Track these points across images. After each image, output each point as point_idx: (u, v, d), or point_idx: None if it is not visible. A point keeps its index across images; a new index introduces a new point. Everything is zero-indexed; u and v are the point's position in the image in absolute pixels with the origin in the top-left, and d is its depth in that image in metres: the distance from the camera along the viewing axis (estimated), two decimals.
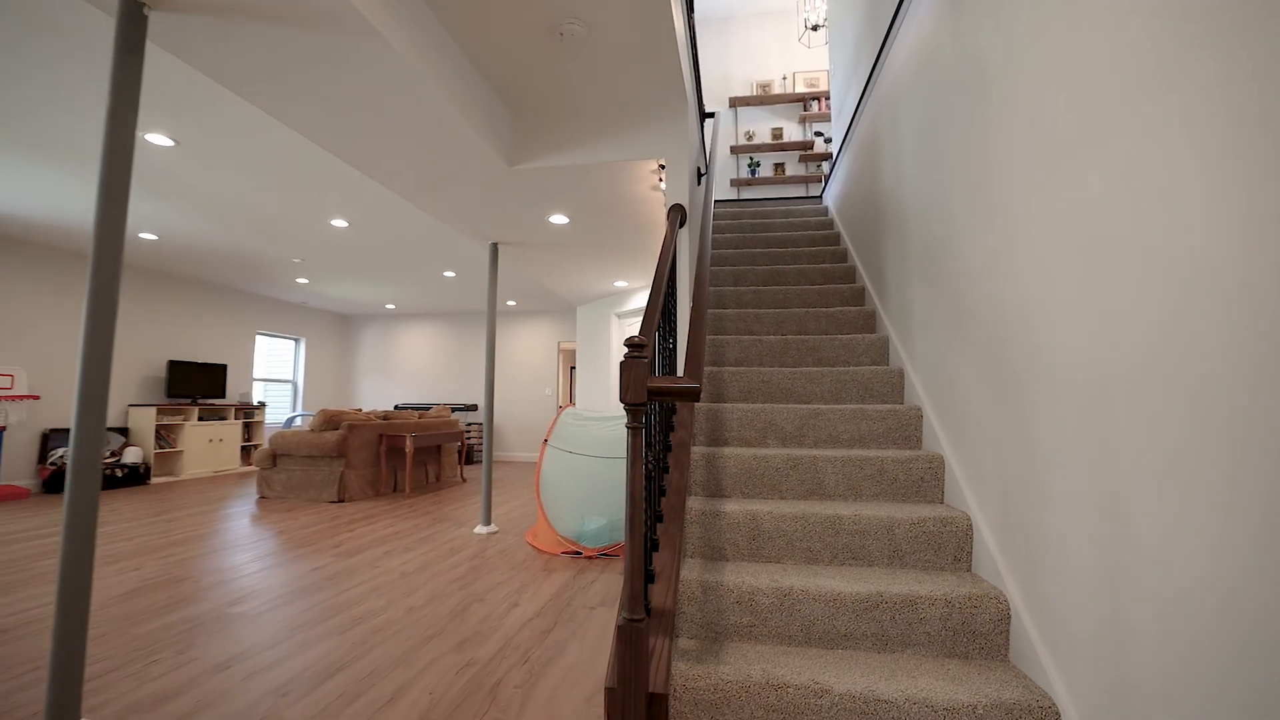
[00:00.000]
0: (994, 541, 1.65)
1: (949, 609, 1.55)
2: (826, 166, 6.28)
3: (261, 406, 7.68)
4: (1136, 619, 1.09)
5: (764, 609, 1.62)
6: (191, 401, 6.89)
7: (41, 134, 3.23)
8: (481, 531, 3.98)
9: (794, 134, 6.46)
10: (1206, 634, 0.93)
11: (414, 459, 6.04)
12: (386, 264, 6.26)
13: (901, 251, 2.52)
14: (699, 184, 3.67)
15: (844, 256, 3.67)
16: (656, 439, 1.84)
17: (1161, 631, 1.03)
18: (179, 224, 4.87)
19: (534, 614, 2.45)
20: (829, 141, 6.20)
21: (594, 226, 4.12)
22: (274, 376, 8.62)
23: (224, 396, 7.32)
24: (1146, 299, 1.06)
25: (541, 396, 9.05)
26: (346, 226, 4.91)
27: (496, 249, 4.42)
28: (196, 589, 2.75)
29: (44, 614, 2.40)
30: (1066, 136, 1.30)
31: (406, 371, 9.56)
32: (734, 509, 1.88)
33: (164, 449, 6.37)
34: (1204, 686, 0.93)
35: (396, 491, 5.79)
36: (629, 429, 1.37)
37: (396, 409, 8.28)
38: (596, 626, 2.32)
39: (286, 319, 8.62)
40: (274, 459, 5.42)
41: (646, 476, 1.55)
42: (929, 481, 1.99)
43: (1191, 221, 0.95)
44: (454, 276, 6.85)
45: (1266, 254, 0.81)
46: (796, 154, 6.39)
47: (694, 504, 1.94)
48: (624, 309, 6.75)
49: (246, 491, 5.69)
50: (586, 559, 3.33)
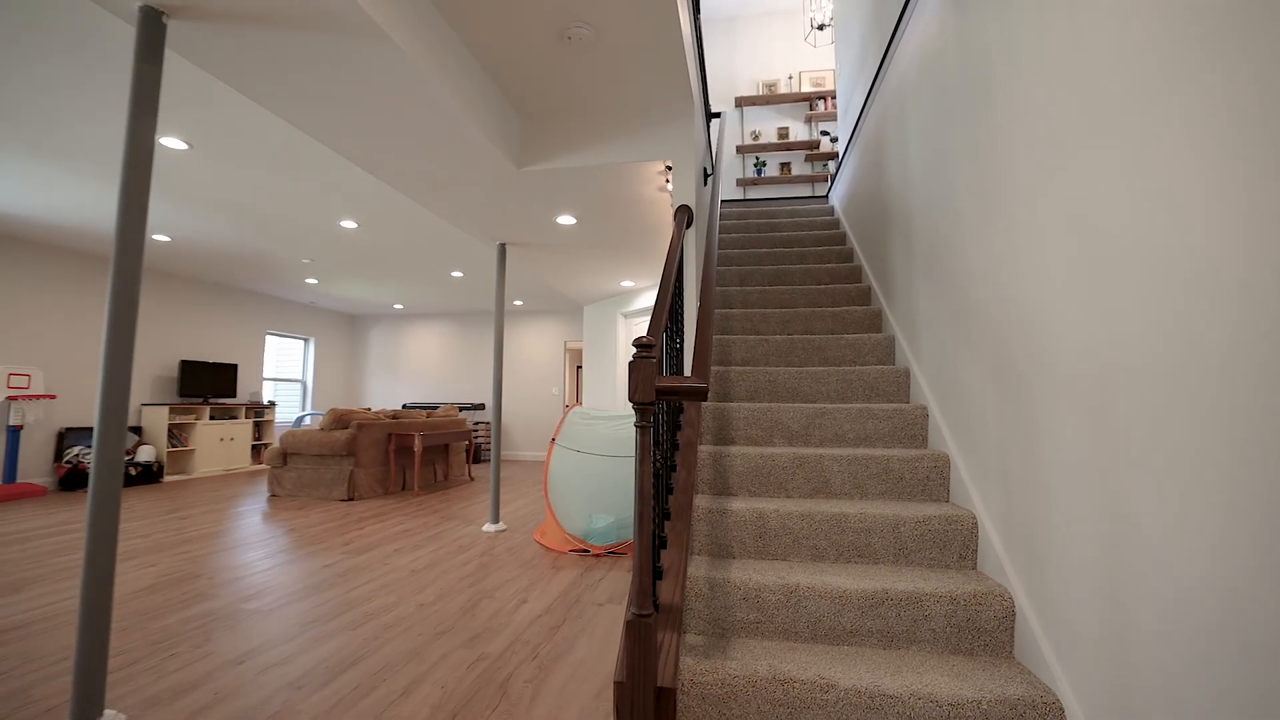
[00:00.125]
0: (999, 539, 1.67)
1: (954, 606, 1.57)
2: (832, 166, 6.28)
3: (271, 406, 7.76)
4: (1139, 616, 1.10)
5: (770, 605, 1.64)
6: (203, 401, 6.97)
7: (57, 138, 3.28)
8: (490, 529, 4.02)
9: (800, 133, 6.46)
10: (1207, 632, 0.95)
11: (422, 458, 6.09)
12: (395, 264, 6.32)
13: (907, 251, 2.53)
14: (705, 184, 3.69)
15: (850, 256, 3.68)
16: (664, 438, 1.86)
17: (1163, 628, 1.04)
18: (191, 226, 4.94)
19: (543, 610, 2.48)
20: (835, 141, 6.20)
21: (601, 227, 4.15)
22: (283, 376, 8.70)
23: (235, 396, 7.40)
24: (1148, 299, 1.08)
25: (548, 396, 9.09)
26: (356, 227, 4.96)
27: (504, 249, 4.45)
28: (211, 585, 2.80)
29: (64, 609, 2.45)
30: (1070, 137, 1.32)
31: (414, 371, 9.63)
32: (741, 507, 1.90)
33: (176, 448, 6.46)
34: (1205, 683, 0.95)
35: (405, 490, 5.84)
36: (637, 428, 1.39)
37: (404, 408, 8.34)
38: (605, 623, 2.35)
39: (296, 319, 8.70)
40: (284, 457, 5.48)
41: (655, 475, 1.58)
42: (934, 480, 2.01)
43: (1192, 222, 0.97)
44: (461, 276, 6.90)
45: (1266, 254, 0.83)
46: (802, 153, 6.39)
47: (701, 502, 1.96)
48: (630, 309, 6.77)
49: (257, 490, 5.75)
50: (594, 557, 3.36)
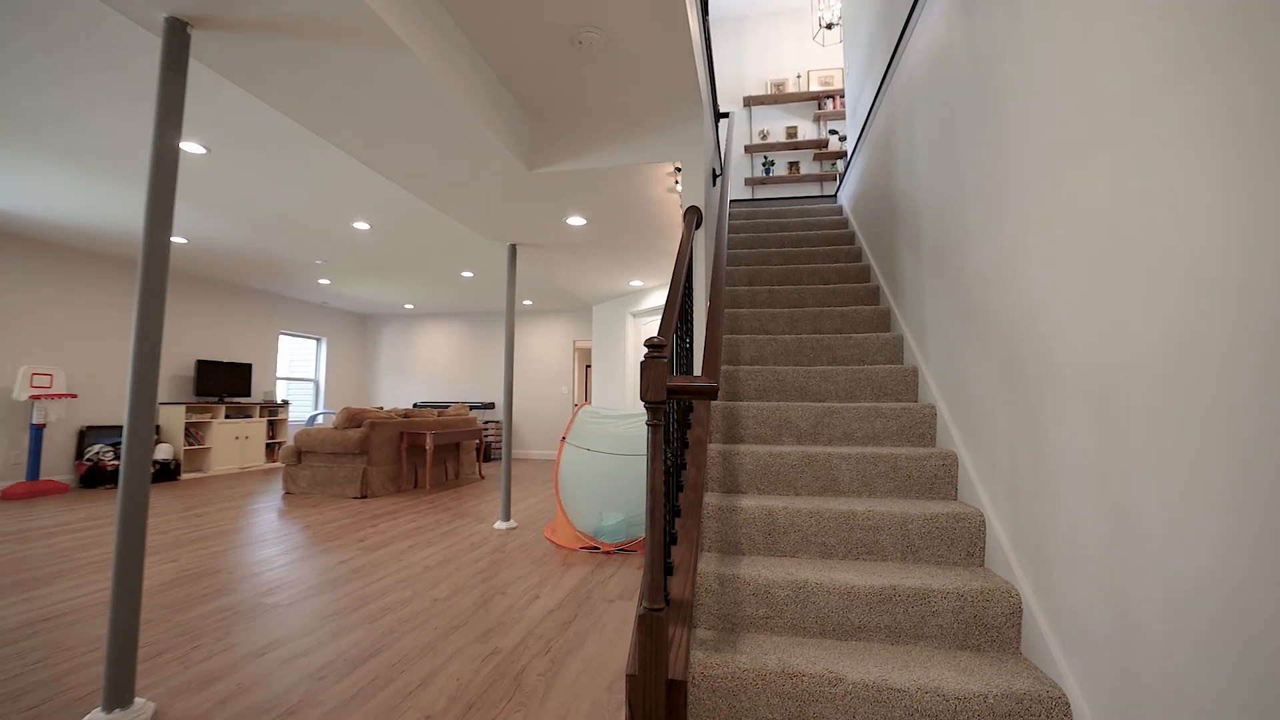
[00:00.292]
0: (1006, 537, 1.69)
1: (961, 602, 1.59)
2: (841, 165, 6.28)
3: (285, 405, 7.86)
4: (1143, 613, 1.12)
5: (779, 601, 1.67)
6: (218, 400, 7.08)
7: (77, 143, 3.37)
8: (501, 527, 4.07)
9: (808, 132, 6.46)
10: (1208, 628, 0.96)
11: (434, 456, 6.16)
12: (406, 265, 6.39)
13: (916, 250, 2.55)
14: (714, 185, 3.71)
15: (858, 255, 3.69)
16: (674, 436, 1.89)
17: (1166, 625, 1.06)
18: (207, 228, 5.03)
19: (554, 606, 2.52)
20: (843, 140, 6.19)
21: (611, 228, 4.18)
22: (296, 375, 8.82)
23: (249, 395, 7.51)
24: (1151, 299, 1.09)
25: (557, 395, 9.15)
26: (368, 229, 5.03)
27: (515, 250, 4.50)
28: (231, 580, 2.86)
29: (90, 602, 2.52)
30: (1076, 139, 1.33)
31: (425, 370, 9.72)
32: (750, 504, 1.93)
33: (193, 446, 6.57)
34: (1207, 678, 0.97)
35: (417, 488, 5.91)
36: (649, 426, 1.43)
37: (415, 407, 8.43)
38: (615, 619, 2.38)
39: (308, 319, 8.81)
40: (299, 456, 5.56)
41: (665, 472, 1.61)
42: (942, 478, 2.03)
43: (1193, 222, 0.99)
44: (472, 277, 6.96)
45: (1266, 255, 0.85)
46: (811, 152, 6.40)
47: (711, 499, 1.99)
48: (639, 308, 6.80)
49: (272, 487, 5.84)
50: (604, 554, 3.40)
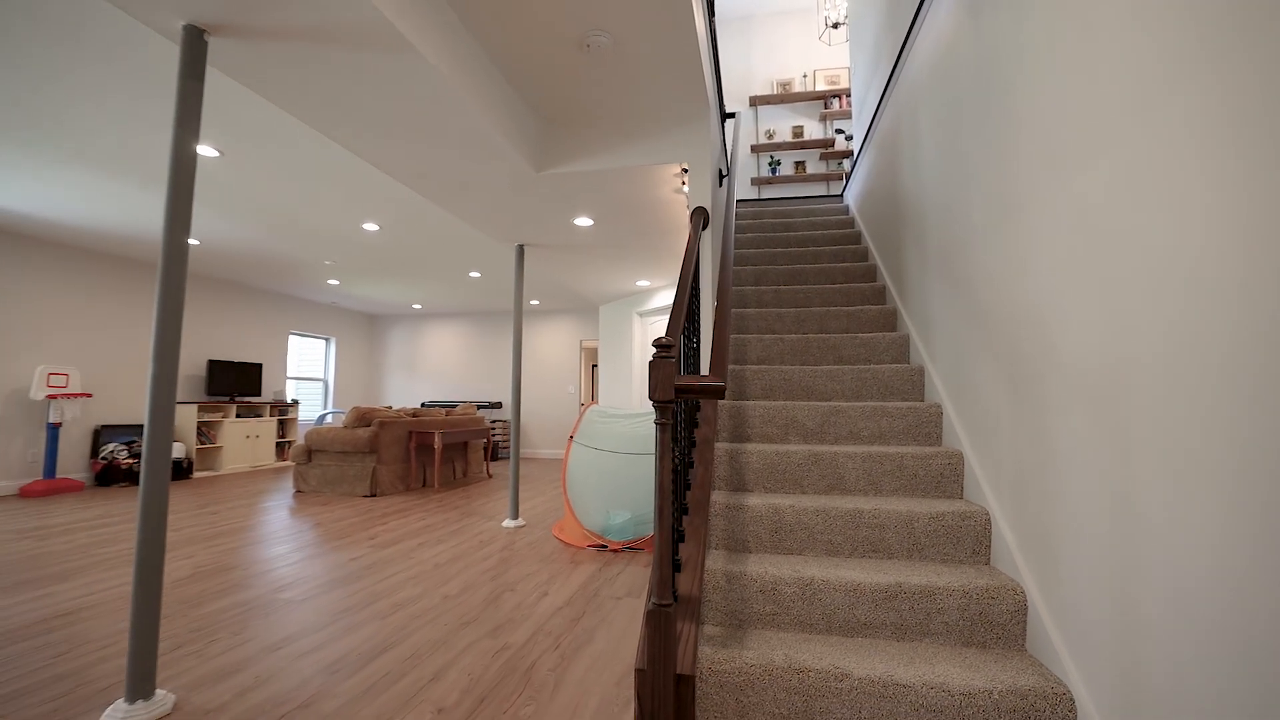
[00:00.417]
0: (1012, 535, 1.70)
1: (967, 600, 1.60)
2: (847, 164, 6.27)
3: (295, 404, 7.94)
4: (1146, 609, 1.14)
5: (786, 598, 1.69)
6: (230, 399, 7.16)
7: (91, 146, 3.42)
8: (510, 525, 4.11)
9: (815, 132, 6.46)
10: (1210, 625, 0.98)
11: (442, 455, 6.21)
12: (414, 265, 6.44)
13: (922, 250, 2.56)
14: (721, 185, 3.73)
15: (865, 255, 3.70)
16: (682, 435, 1.92)
17: (1169, 621, 1.07)
18: (220, 229, 5.09)
19: (563, 603, 2.55)
20: (849, 139, 6.19)
21: (618, 228, 4.21)
22: (306, 375, 8.90)
23: (260, 394, 7.59)
24: (1153, 299, 1.11)
25: (564, 394, 9.19)
26: (377, 230, 5.08)
27: (522, 250, 4.53)
28: (245, 576, 2.91)
29: (109, 596, 2.57)
30: (1080, 140, 1.35)
31: (432, 370, 9.78)
32: (757, 503, 1.95)
33: (205, 445, 6.65)
34: (1209, 675, 0.98)
35: (426, 487, 5.96)
36: (657, 425, 1.45)
37: (423, 406, 8.49)
38: (623, 616, 2.41)
39: (317, 319, 8.89)
40: (309, 454, 5.62)
41: (673, 470, 1.63)
42: (948, 477, 2.04)
43: (1194, 223, 1.00)
44: (479, 277, 7.01)
45: (1266, 254, 0.86)
46: (817, 152, 6.40)
47: (718, 498, 2.01)
48: (646, 308, 6.83)
49: (283, 486, 5.91)
50: (612, 552, 3.43)
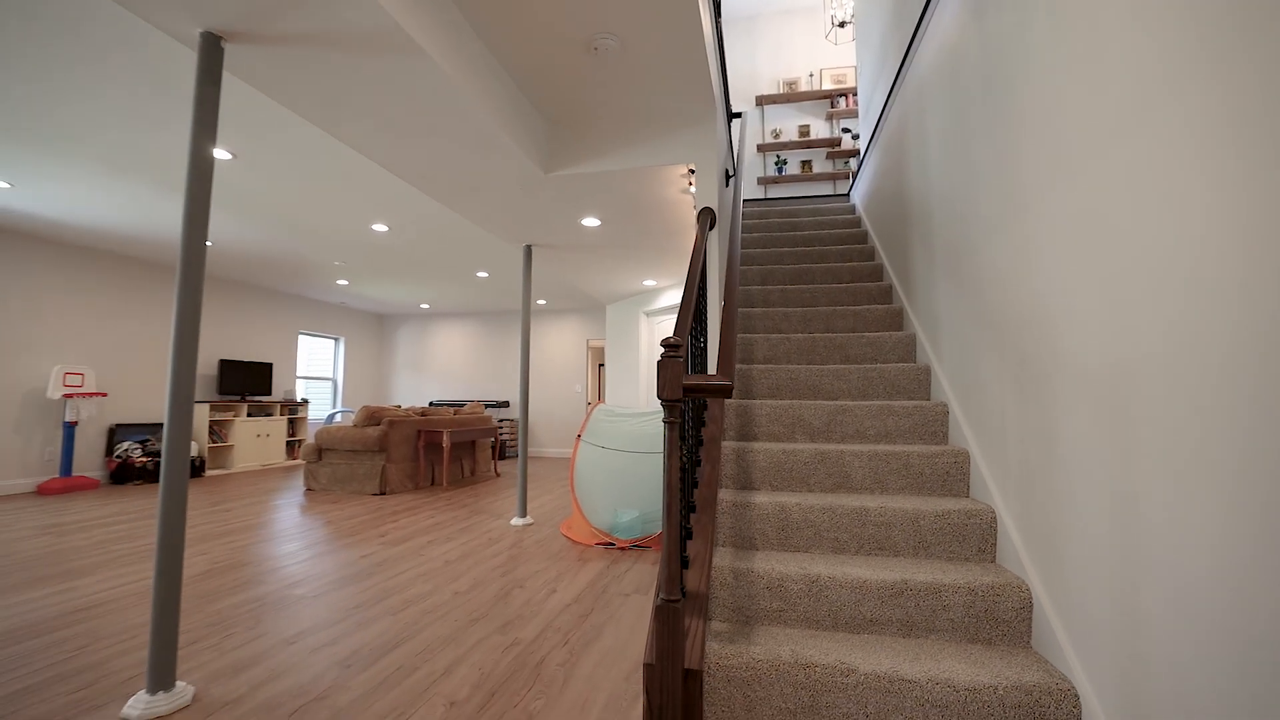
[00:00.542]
0: (1017, 533, 1.71)
1: (972, 597, 1.62)
2: (854, 163, 6.27)
3: (305, 403, 8.02)
4: (1149, 606, 1.15)
5: (793, 595, 1.71)
6: (241, 398, 7.25)
7: (107, 150, 3.48)
8: (518, 523, 4.14)
9: (821, 131, 6.46)
10: (1212, 621, 0.99)
11: (450, 454, 6.26)
12: (423, 265, 6.49)
13: (928, 249, 2.57)
14: (727, 186, 3.74)
15: (871, 255, 3.71)
16: (689, 433, 1.94)
17: (1172, 618, 1.09)
18: (232, 231, 5.15)
19: (572, 600, 2.58)
20: (856, 138, 6.19)
21: (625, 228, 4.23)
22: (315, 375, 8.98)
23: (270, 394, 7.67)
24: (1155, 299, 1.12)
25: (571, 393, 9.22)
26: (386, 230, 5.12)
27: (530, 251, 4.56)
28: (258, 572, 2.96)
29: (128, 591, 2.63)
30: (1083, 140, 1.36)
31: (440, 369, 9.85)
32: (764, 501, 1.97)
33: (216, 443, 6.73)
34: (1211, 671, 1.00)
35: (434, 485, 6.01)
36: (666, 423, 1.47)
37: (431, 405, 8.55)
38: (631, 612, 2.44)
39: (327, 319, 8.97)
40: (320, 453, 5.69)
41: (681, 468, 1.66)
42: (954, 475, 2.05)
43: (1196, 223, 1.01)
44: (487, 277, 7.05)
45: (1266, 254, 0.87)
46: (824, 151, 6.40)
47: (725, 496, 2.03)
48: (653, 307, 6.85)
49: (293, 484, 5.98)
50: (619, 550, 3.46)
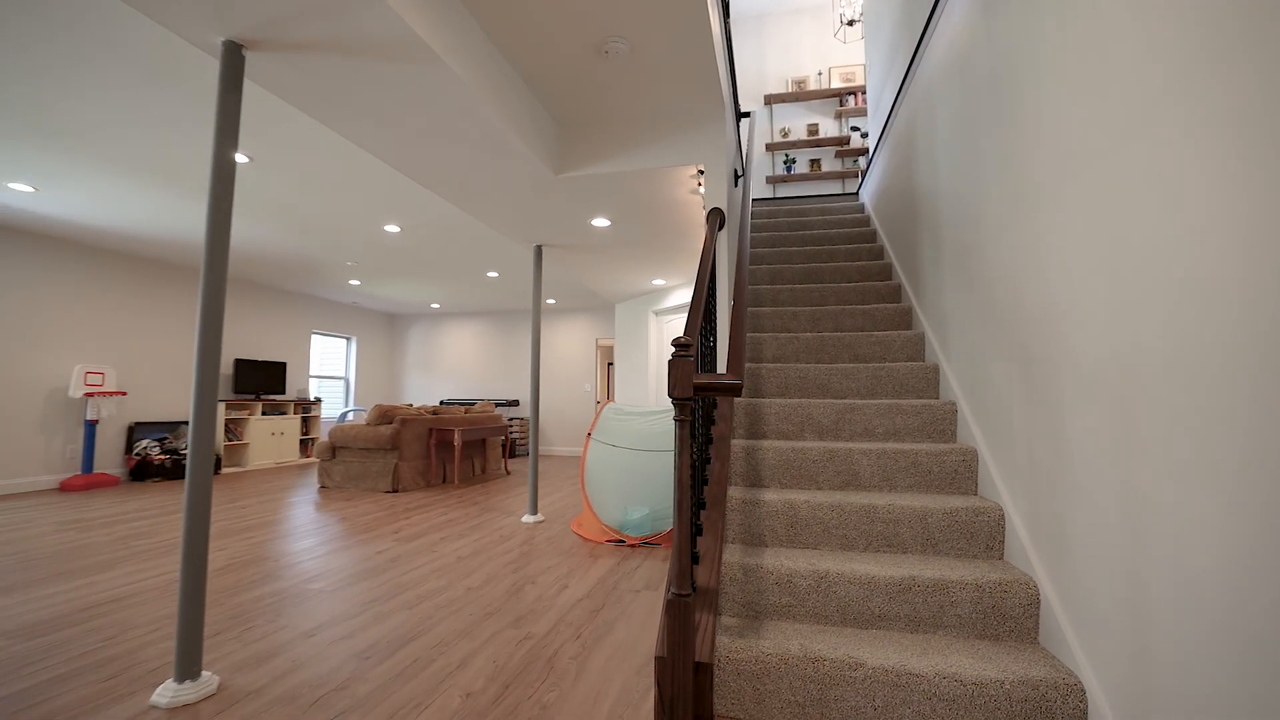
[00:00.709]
0: (1025, 530, 1.73)
1: (980, 593, 1.64)
2: (863, 162, 6.26)
3: (318, 402, 8.12)
4: (1155, 603, 1.16)
5: (802, 590, 1.74)
6: (255, 397, 7.35)
7: (126, 154, 3.56)
8: (529, 520, 4.19)
9: (830, 129, 6.45)
10: (1214, 618, 1.01)
11: (461, 452, 6.32)
12: (434, 266, 6.56)
13: (936, 249, 2.58)
14: (736, 185, 3.76)
15: (880, 254, 3.71)
16: (699, 431, 1.97)
17: (1177, 615, 1.10)
18: (247, 232, 5.24)
19: (583, 595, 2.62)
20: (865, 136, 6.18)
21: (634, 228, 4.27)
22: (328, 374, 9.09)
23: (284, 392, 7.78)
24: (1158, 298, 1.13)
25: (581, 392, 9.27)
26: (398, 231, 5.19)
27: (540, 251, 4.61)
28: (276, 567, 3.02)
29: (151, 585, 2.69)
30: (1089, 142, 1.37)
31: (450, 368, 9.93)
32: (773, 498, 1.99)
33: (232, 441, 6.84)
34: (1214, 667, 1.01)
35: (446, 483, 6.08)
36: (676, 421, 1.50)
37: (442, 404, 8.63)
38: (642, 608, 2.47)
39: (339, 319, 9.07)
40: (333, 451, 5.77)
41: (692, 465, 1.69)
42: (963, 473, 2.07)
43: (1199, 222, 1.03)
44: (497, 276, 7.11)
45: (1266, 255, 0.89)
46: (832, 150, 6.39)
47: (734, 493, 2.06)
48: (662, 306, 6.88)
49: (307, 482, 6.07)
50: (630, 547, 3.49)
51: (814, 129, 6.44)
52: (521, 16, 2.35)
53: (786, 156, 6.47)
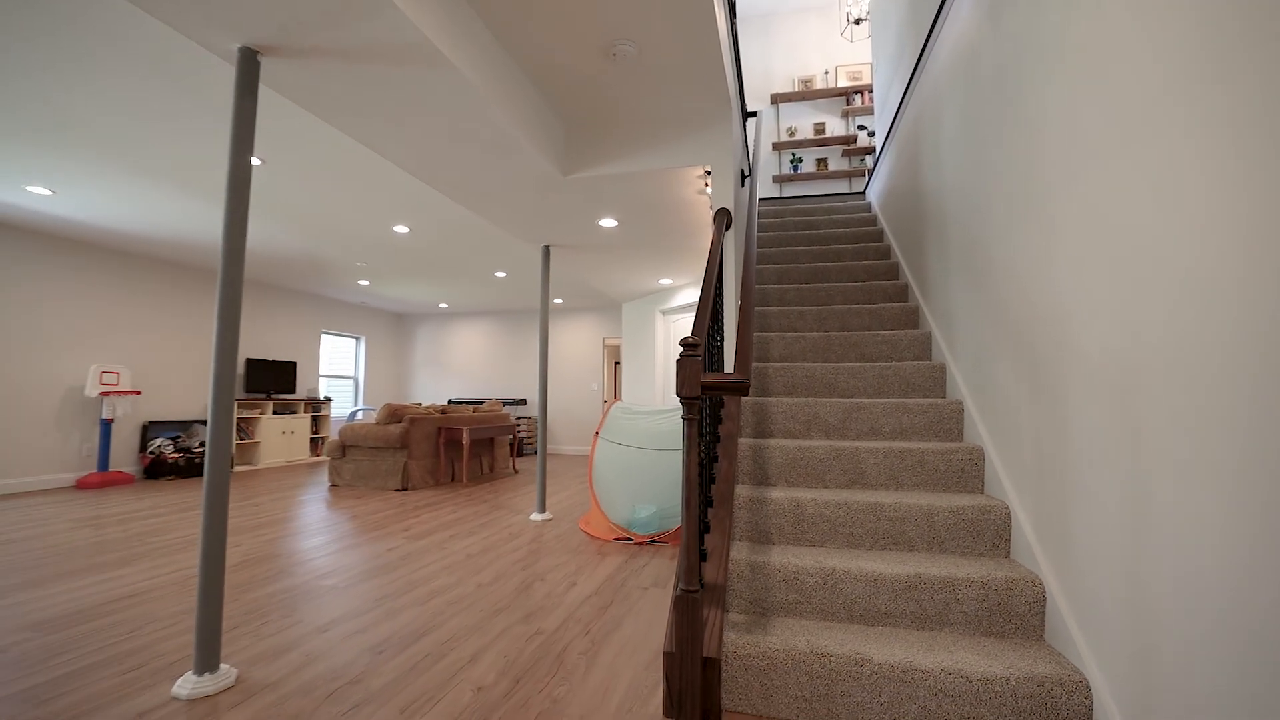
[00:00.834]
0: (1031, 529, 1.74)
1: (986, 591, 1.65)
2: (870, 161, 6.25)
3: (327, 401, 8.20)
4: (1159, 601, 1.18)
5: (808, 587, 1.76)
6: (266, 396, 7.43)
7: (145, 158, 3.62)
8: (537, 518, 4.23)
9: (836, 128, 6.45)
10: (1216, 616, 1.02)
11: (470, 451, 6.37)
12: (442, 266, 6.61)
13: (943, 248, 2.58)
14: (743, 185, 3.78)
15: (887, 253, 3.72)
16: (706, 430, 1.99)
17: (1179, 611, 1.11)
18: (258, 233, 5.31)
19: (591, 592, 2.65)
20: (872, 135, 6.17)
21: (642, 229, 4.29)
22: (337, 373, 9.17)
23: (294, 392, 7.86)
24: (1160, 298, 1.14)
25: (587, 392, 9.31)
26: (407, 232, 5.24)
27: (548, 251, 4.64)
28: (289, 564, 3.07)
29: (169, 580, 2.75)
30: (1094, 143, 1.38)
31: (459, 368, 10.00)
32: (780, 496, 2.01)
33: (243, 440, 6.92)
34: (1216, 663, 1.03)
35: (454, 481, 6.13)
36: (685, 420, 1.53)
37: (450, 403, 8.69)
38: (650, 605, 2.49)
39: (348, 319, 9.15)
40: (343, 450, 5.83)
41: (700, 463, 1.71)
42: (969, 472, 2.08)
43: (1199, 222, 1.04)
44: (504, 276, 7.15)
45: (1266, 255, 0.90)
46: (839, 149, 6.38)
47: (742, 491, 2.08)
48: (669, 306, 6.89)
49: (318, 480, 6.13)
50: (637, 545, 3.52)
51: (820, 128, 6.44)
52: (531, 20, 2.38)
53: (793, 156, 6.48)
